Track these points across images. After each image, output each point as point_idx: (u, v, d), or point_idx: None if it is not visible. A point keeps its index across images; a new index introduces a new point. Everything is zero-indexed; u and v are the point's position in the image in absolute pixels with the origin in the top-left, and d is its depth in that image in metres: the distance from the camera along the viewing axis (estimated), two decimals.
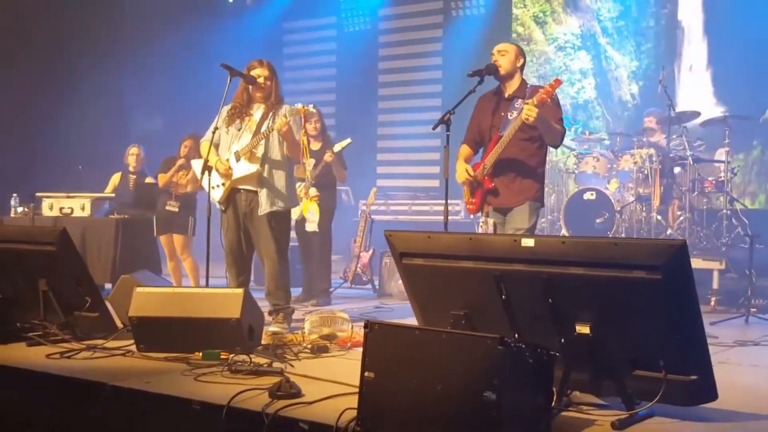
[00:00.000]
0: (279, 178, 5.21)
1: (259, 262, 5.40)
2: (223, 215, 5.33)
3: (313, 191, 6.39)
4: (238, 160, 5.16)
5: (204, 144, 5.32)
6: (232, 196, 5.26)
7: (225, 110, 5.31)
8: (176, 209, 7.13)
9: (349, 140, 6.81)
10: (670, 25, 9.68)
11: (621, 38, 10.17)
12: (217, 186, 5.25)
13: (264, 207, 5.14)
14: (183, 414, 3.07)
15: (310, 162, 6.01)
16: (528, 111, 4.45)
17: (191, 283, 7.14)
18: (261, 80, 5.19)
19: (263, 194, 5.14)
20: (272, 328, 4.99)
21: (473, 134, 5.07)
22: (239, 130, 5.23)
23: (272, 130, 5.04)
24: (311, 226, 6.41)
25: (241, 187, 5.22)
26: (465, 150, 5.10)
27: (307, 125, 6.59)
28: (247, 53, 10.56)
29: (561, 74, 9.44)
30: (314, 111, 5.31)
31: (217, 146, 5.28)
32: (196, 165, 5.65)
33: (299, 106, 5.10)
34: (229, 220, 5.27)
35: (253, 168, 5.13)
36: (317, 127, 6.89)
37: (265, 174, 5.17)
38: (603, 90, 9.22)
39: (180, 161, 7.15)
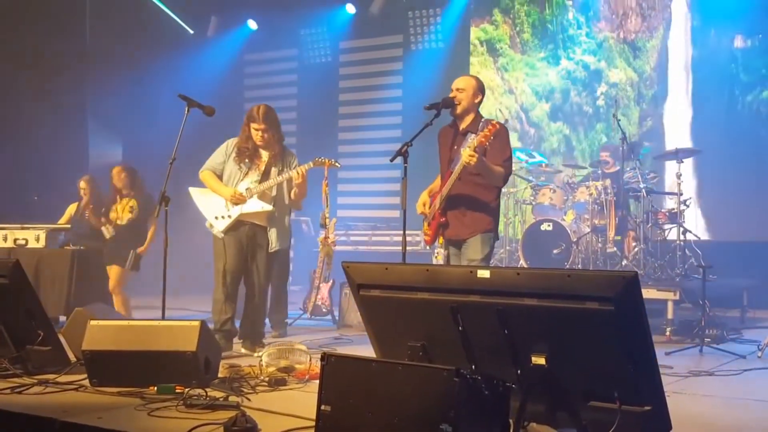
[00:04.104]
0: (285, 219, 5.73)
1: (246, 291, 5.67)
2: (220, 243, 5.53)
3: None
4: (250, 196, 5.51)
5: (207, 174, 5.62)
6: (235, 227, 5.54)
7: (231, 145, 5.63)
8: (111, 234, 7.17)
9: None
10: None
11: None
12: (222, 217, 5.54)
13: (274, 244, 5.60)
14: None
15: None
16: (467, 158, 4.54)
17: None
18: (260, 134, 5.50)
19: (273, 233, 5.60)
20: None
21: (442, 166, 5.16)
22: (249, 168, 5.59)
23: (289, 177, 5.44)
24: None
25: (247, 220, 5.55)
26: (437, 181, 5.17)
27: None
28: (209, 84, 10.64)
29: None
30: (339, 166, 5.86)
31: (219, 177, 5.63)
32: (196, 194, 5.78)
33: (324, 159, 5.63)
34: (231, 248, 5.52)
35: (269, 207, 5.54)
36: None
37: (276, 214, 5.60)
38: None
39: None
